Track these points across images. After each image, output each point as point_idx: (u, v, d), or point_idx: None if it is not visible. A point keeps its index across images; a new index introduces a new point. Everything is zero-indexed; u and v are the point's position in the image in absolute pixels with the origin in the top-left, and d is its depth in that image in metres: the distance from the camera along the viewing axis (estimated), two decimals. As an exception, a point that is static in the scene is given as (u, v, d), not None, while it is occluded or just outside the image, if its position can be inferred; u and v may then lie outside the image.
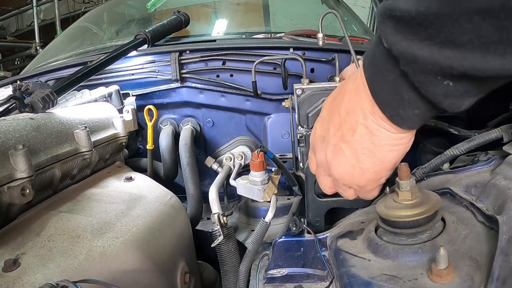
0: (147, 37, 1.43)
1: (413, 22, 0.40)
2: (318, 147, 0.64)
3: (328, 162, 0.62)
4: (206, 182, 1.45)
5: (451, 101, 0.43)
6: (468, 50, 0.37)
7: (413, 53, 0.41)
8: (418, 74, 0.43)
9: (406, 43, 0.41)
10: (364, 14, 3.60)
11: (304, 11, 2.08)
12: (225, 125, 1.45)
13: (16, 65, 6.37)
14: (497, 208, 0.53)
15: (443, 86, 0.42)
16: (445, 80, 0.41)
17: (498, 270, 0.45)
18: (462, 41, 0.37)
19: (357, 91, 0.54)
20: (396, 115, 0.50)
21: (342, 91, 0.59)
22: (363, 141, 0.55)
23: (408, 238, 0.57)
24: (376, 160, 0.57)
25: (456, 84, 0.41)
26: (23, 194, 0.71)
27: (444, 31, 0.38)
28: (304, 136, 0.88)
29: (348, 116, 0.56)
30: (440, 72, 0.41)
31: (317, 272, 0.68)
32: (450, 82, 0.41)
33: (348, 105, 0.56)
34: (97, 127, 1.06)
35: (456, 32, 0.37)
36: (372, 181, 0.61)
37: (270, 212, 0.86)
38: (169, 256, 0.87)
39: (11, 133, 0.77)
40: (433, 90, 0.43)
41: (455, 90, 0.42)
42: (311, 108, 0.86)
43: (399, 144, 0.54)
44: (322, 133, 0.62)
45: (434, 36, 0.39)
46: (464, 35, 0.37)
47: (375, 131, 0.54)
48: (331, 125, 0.60)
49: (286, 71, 1.24)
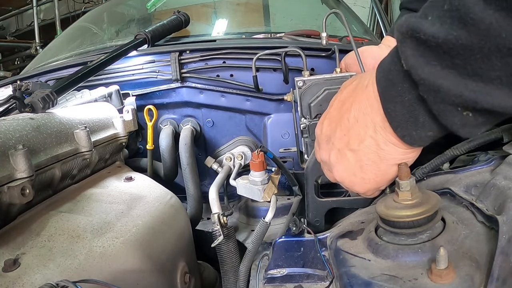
0: (147, 37, 1.43)
1: (438, 49, 0.38)
2: (323, 146, 0.63)
3: (331, 164, 0.62)
4: (206, 182, 1.45)
5: (468, 130, 0.42)
6: (495, 86, 0.36)
7: (435, 81, 0.39)
8: (438, 103, 0.41)
9: (428, 70, 0.39)
10: (364, 14, 3.60)
11: (304, 11, 2.08)
12: (225, 125, 1.45)
13: (16, 65, 6.38)
14: (497, 208, 0.53)
15: (462, 117, 0.41)
16: (465, 111, 0.40)
17: (498, 270, 0.45)
18: (490, 77, 0.36)
19: (368, 102, 0.53)
20: (408, 136, 0.49)
21: (353, 96, 0.57)
22: (369, 153, 0.55)
23: (408, 238, 0.56)
24: (379, 172, 0.57)
25: (475, 116, 0.40)
26: (23, 194, 0.70)
27: (471, 64, 0.36)
28: (307, 126, 0.88)
29: (357, 125, 0.55)
30: (462, 104, 0.39)
31: (317, 272, 0.68)
32: (470, 114, 0.40)
33: (358, 114, 0.55)
34: (97, 127, 1.06)
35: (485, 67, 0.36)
36: (371, 189, 0.61)
37: (270, 212, 0.86)
38: (169, 256, 0.87)
39: (11, 133, 0.77)
40: (452, 120, 0.42)
41: (474, 121, 0.41)
42: (313, 98, 0.86)
43: (405, 159, 0.54)
44: (329, 133, 0.61)
45: (460, 67, 0.37)
46: (493, 72, 0.35)
47: (383, 145, 0.53)
48: (339, 129, 0.59)
49: (286, 65, 1.24)
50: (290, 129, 1.35)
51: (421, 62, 0.39)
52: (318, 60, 1.31)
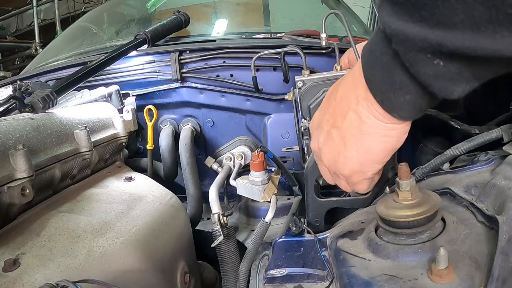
0: (147, 37, 1.43)
1: (407, 4, 0.40)
2: (314, 134, 0.64)
3: (320, 148, 0.62)
4: (206, 182, 1.45)
5: (442, 83, 0.43)
6: (459, 31, 0.37)
7: (404, 31, 0.41)
8: (408, 52, 0.42)
9: (399, 23, 0.41)
10: (364, 14, 3.60)
11: (304, 11, 2.08)
12: (225, 125, 1.44)
13: (16, 65, 6.37)
14: (497, 208, 0.53)
15: (433, 66, 0.41)
16: (435, 59, 0.41)
17: (498, 270, 0.45)
18: (454, 22, 0.37)
19: (353, 78, 0.54)
20: (387, 100, 0.49)
21: (341, 80, 0.59)
22: (351, 127, 0.55)
23: (408, 238, 0.57)
24: (361, 149, 0.56)
25: (446, 64, 0.41)
26: (23, 194, 0.71)
27: (436, 13, 0.38)
28: (307, 128, 0.88)
29: (342, 102, 0.56)
30: (430, 50, 0.41)
31: (317, 272, 0.68)
32: (441, 62, 0.41)
33: (343, 92, 0.56)
34: (97, 127, 1.06)
35: (447, 13, 0.37)
36: (356, 172, 0.60)
37: (270, 212, 0.86)
38: (169, 256, 0.87)
39: (11, 133, 0.77)
40: (423, 71, 0.43)
41: (446, 71, 0.41)
42: (313, 99, 0.86)
43: (388, 135, 0.53)
44: (319, 120, 0.63)
45: (427, 18, 0.39)
46: (455, 16, 0.37)
47: (364, 117, 0.53)
48: (326, 113, 0.60)
49: (286, 65, 1.24)
50: (290, 129, 1.35)
51: (394, 18, 0.42)
52: (317, 59, 1.31)
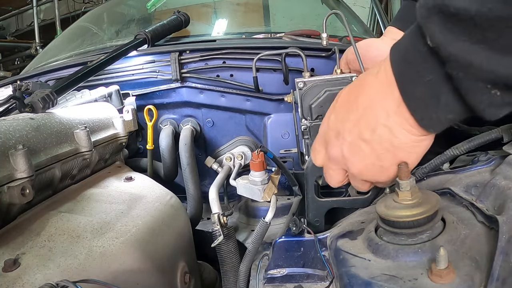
0: (147, 37, 1.43)
1: (469, 23, 0.36)
2: (332, 142, 0.61)
3: (346, 158, 0.59)
4: (206, 182, 1.45)
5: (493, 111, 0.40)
6: None
7: (466, 57, 0.37)
8: (468, 81, 0.39)
9: (458, 45, 0.37)
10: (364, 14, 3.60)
11: (304, 11, 2.08)
12: (225, 125, 1.45)
13: (16, 65, 6.37)
14: (497, 208, 0.53)
15: (490, 95, 0.39)
16: (494, 89, 0.38)
17: (498, 270, 0.45)
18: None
19: (380, 87, 0.51)
20: (427, 119, 0.47)
21: (361, 85, 0.55)
22: (382, 142, 0.53)
23: (408, 238, 0.56)
24: (397, 160, 0.55)
25: (503, 94, 0.38)
26: (23, 194, 0.70)
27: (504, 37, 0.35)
28: (308, 127, 0.88)
29: (367, 113, 0.53)
30: (493, 81, 0.38)
31: (317, 272, 0.68)
32: (498, 92, 0.38)
33: (367, 101, 0.53)
34: (97, 127, 1.06)
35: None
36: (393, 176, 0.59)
37: (270, 212, 0.86)
38: (169, 256, 0.87)
39: (11, 133, 0.77)
40: (479, 99, 0.40)
41: (500, 100, 0.39)
42: (314, 99, 0.86)
43: (418, 146, 0.53)
44: (337, 127, 0.59)
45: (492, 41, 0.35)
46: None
47: (397, 132, 0.51)
48: (347, 121, 0.57)
49: (286, 66, 1.24)
50: (290, 129, 1.35)
51: (450, 38, 0.38)
52: (318, 61, 1.31)
